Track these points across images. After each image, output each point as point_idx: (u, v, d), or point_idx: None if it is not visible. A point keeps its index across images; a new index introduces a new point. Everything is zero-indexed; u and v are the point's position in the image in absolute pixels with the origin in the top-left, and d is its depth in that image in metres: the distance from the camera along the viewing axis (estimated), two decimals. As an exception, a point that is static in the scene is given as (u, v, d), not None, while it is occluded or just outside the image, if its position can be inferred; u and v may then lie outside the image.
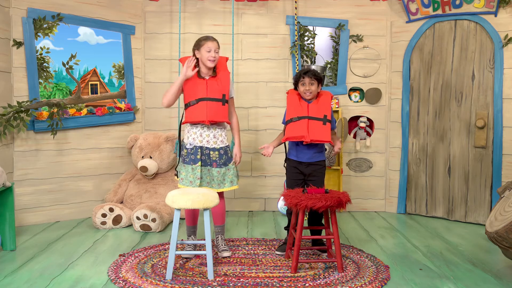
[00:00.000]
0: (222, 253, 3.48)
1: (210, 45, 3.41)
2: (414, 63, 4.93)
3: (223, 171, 3.46)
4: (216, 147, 3.46)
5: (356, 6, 5.07)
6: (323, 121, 3.46)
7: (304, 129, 3.44)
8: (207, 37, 3.46)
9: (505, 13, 4.44)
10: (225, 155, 3.48)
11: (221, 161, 3.46)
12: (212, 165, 3.44)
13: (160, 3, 5.05)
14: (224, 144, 3.50)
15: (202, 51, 3.42)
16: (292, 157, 3.61)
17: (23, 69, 4.32)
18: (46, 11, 4.38)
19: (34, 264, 3.30)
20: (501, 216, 3.00)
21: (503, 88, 4.44)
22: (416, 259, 3.48)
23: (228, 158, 3.49)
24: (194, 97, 3.40)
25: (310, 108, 3.50)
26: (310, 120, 3.46)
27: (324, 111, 3.49)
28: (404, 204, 5.03)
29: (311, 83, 3.49)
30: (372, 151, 5.14)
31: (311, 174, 3.57)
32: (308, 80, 3.49)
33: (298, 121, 3.46)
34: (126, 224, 4.33)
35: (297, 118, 3.47)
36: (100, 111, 4.74)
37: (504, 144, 4.45)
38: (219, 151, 3.46)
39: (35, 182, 4.44)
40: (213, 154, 3.45)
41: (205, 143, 3.44)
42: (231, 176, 3.48)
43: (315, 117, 3.47)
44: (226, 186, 3.48)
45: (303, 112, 3.49)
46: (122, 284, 2.91)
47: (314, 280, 3.00)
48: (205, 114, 3.37)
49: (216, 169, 3.44)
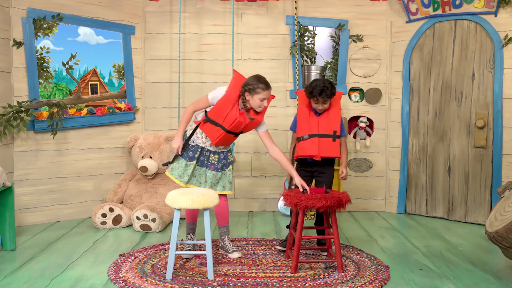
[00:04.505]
0: (232, 254, 3.47)
1: (265, 95, 3.27)
2: (414, 63, 4.93)
3: (219, 175, 3.46)
4: (218, 150, 3.47)
5: (356, 6, 5.07)
6: (332, 137, 3.50)
7: (315, 148, 3.48)
8: (266, 85, 3.28)
9: (505, 13, 4.44)
10: (225, 159, 3.48)
11: (219, 165, 3.46)
12: (210, 168, 3.44)
13: (160, 3, 5.05)
14: (226, 148, 3.50)
15: (254, 98, 3.27)
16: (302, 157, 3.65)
17: (23, 69, 4.32)
18: (46, 11, 4.38)
19: (34, 264, 3.30)
20: (501, 216, 3.00)
21: (503, 88, 4.44)
22: (416, 259, 3.48)
23: (226, 163, 3.49)
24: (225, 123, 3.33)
25: (320, 123, 3.52)
26: (320, 138, 3.49)
27: (334, 126, 3.52)
28: (404, 204, 5.03)
29: (324, 102, 3.49)
30: (372, 151, 5.14)
31: (320, 171, 3.60)
32: (321, 100, 3.46)
33: (309, 140, 3.50)
34: (126, 224, 4.33)
35: (308, 136, 3.51)
36: (100, 111, 4.74)
37: (504, 144, 4.45)
38: (220, 155, 3.47)
39: (35, 182, 4.44)
40: (213, 157, 3.45)
41: (207, 146, 3.44)
42: (225, 181, 3.48)
43: (325, 134, 3.50)
44: (218, 190, 3.45)
45: (313, 129, 3.51)
46: (122, 284, 2.91)
47: (314, 280, 3.00)
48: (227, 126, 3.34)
49: (212, 172, 3.44)
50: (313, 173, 3.62)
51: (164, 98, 5.08)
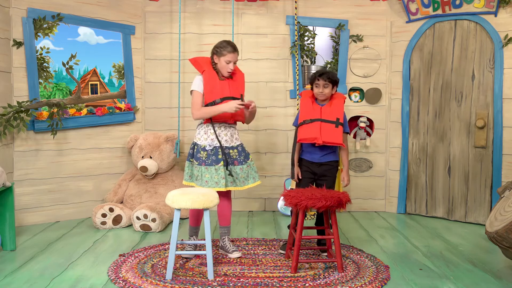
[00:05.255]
0: (232, 254, 3.47)
1: (231, 57, 3.40)
2: (414, 63, 4.93)
3: (245, 168, 3.51)
4: (234, 145, 3.51)
5: (356, 6, 5.07)
6: (335, 123, 3.49)
7: (316, 131, 3.47)
8: (231, 47, 3.42)
9: (505, 13, 4.44)
10: (243, 152, 3.54)
11: (241, 158, 3.50)
12: (234, 163, 3.47)
13: (160, 3, 5.05)
14: (239, 141, 3.56)
15: (222, 61, 3.42)
16: (305, 157, 3.65)
17: (23, 69, 4.32)
18: (46, 11, 4.38)
19: (34, 264, 3.30)
20: (501, 216, 3.00)
21: (503, 88, 4.44)
22: (416, 259, 3.48)
23: (246, 154, 3.55)
24: (218, 96, 3.41)
25: (323, 110, 3.53)
26: (322, 123, 3.49)
27: (336, 114, 3.52)
28: (404, 204, 5.03)
29: (325, 85, 3.52)
30: (372, 151, 5.14)
31: (322, 174, 3.60)
32: (322, 82, 3.51)
33: (311, 123, 3.50)
34: (126, 224, 4.33)
35: (310, 120, 3.52)
36: (100, 111, 4.74)
37: (504, 144, 4.45)
38: (237, 148, 3.52)
39: (35, 182, 4.44)
40: (233, 152, 3.49)
41: (224, 142, 3.46)
42: (252, 172, 3.54)
43: (327, 120, 3.50)
44: (250, 183, 3.53)
45: (316, 114, 3.52)
46: (122, 284, 2.91)
47: (314, 280, 3.00)
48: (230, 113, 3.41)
49: (238, 166, 3.48)
50: (315, 175, 3.62)
51: (164, 98, 5.08)
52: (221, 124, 3.45)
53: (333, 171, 3.61)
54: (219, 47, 3.43)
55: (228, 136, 3.48)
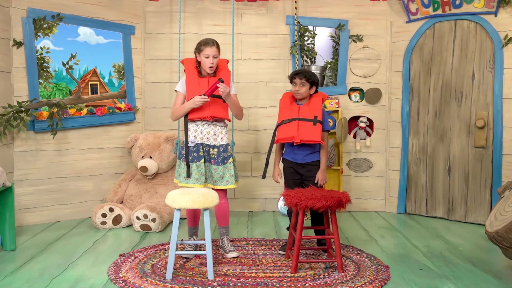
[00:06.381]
0: (229, 253, 3.48)
1: (208, 51, 3.43)
2: (414, 63, 4.93)
3: (221, 169, 3.47)
4: (216, 144, 3.49)
5: (356, 6, 5.07)
6: (313, 121, 3.49)
7: (294, 130, 3.47)
8: (207, 41, 3.46)
9: (505, 13, 4.44)
10: (224, 152, 3.49)
11: (219, 158, 3.47)
12: (211, 162, 3.47)
13: (160, 3, 5.05)
14: (224, 141, 3.52)
15: (202, 57, 3.46)
16: (288, 158, 3.64)
17: (23, 69, 4.32)
18: (46, 11, 4.38)
19: (34, 264, 3.30)
20: (501, 216, 3.00)
21: (503, 88, 4.44)
22: (416, 259, 3.49)
23: (227, 156, 3.50)
24: (197, 93, 3.42)
25: (301, 110, 3.54)
26: (300, 122, 3.49)
27: (314, 112, 3.51)
28: (404, 204, 5.03)
29: (302, 83, 3.53)
30: (372, 151, 5.14)
31: (308, 175, 3.59)
32: (298, 81, 3.53)
33: (289, 123, 3.51)
34: (126, 224, 4.33)
35: (288, 120, 3.52)
36: (100, 111, 4.74)
37: (504, 144, 4.45)
38: (219, 148, 3.49)
39: (35, 182, 4.44)
40: (212, 151, 3.48)
41: (205, 140, 3.47)
42: (228, 175, 3.49)
43: (305, 118, 3.50)
44: (222, 185, 3.48)
45: (294, 114, 3.53)
46: (122, 284, 2.91)
47: (314, 280, 3.00)
48: (208, 111, 3.43)
49: (213, 166, 3.47)
50: (302, 176, 3.61)
51: (164, 98, 5.08)
52: (203, 122, 3.47)
53: (317, 171, 3.59)
54: (198, 44, 3.49)
55: (211, 134, 3.48)
